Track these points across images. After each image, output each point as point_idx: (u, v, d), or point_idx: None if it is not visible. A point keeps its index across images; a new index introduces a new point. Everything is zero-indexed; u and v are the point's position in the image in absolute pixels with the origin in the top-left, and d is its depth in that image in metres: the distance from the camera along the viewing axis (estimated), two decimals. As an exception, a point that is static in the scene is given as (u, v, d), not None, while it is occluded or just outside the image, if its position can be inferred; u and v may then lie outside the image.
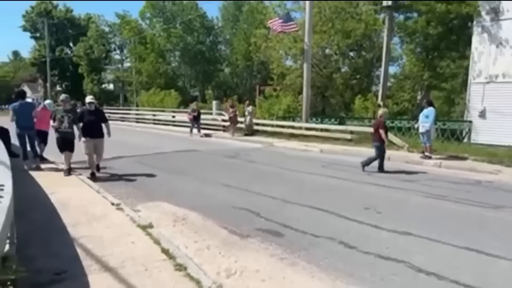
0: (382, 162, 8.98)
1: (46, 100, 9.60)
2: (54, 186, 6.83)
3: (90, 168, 8.08)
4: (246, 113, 17.36)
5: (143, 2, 42.49)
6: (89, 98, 8.28)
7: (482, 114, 14.04)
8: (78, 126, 7.97)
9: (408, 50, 26.02)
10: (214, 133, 18.33)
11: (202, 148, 13.36)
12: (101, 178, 7.96)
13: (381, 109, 10.03)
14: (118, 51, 48.03)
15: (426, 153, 10.52)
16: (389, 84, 24.37)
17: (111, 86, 50.98)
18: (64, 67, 50.17)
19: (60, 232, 4.55)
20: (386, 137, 8.90)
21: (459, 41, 20.61)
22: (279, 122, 17.67)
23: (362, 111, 18.49)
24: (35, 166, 8.75)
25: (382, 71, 20.17)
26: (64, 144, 8.01)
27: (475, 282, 3.48)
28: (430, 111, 10.49)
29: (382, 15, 22.15)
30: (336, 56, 25.58)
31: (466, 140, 14.15)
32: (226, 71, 43.61)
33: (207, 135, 17.68)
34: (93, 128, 7.87)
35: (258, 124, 17.74)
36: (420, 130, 10.69)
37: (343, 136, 14.25)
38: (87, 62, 45.12)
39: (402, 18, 23.20)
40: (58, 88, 50.41)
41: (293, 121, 18.10)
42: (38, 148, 9.41)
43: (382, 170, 8.91)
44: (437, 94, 24.15)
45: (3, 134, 7.52)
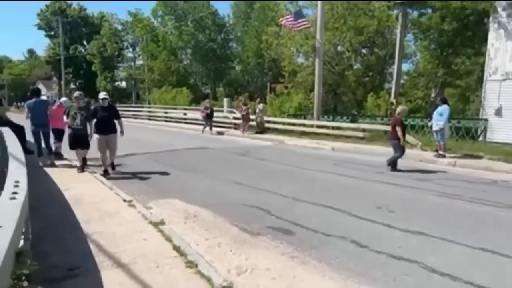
0: (396, 161, 8.86)
1: (62, 97, 9.72)
2: (68, 183, 6.94)
3: (103, 165, 8.18)
4: (257, 110, 17.34)
5: (155, 0, 42.83)
6: (102, 94, 8.25)
7: (498, 112, 13.74)
8: (91, 124, 8.04)
9: (422, 47, 25.63)
10: (227, 131, 18.36)
11: (213, 145, 13.40)
12: (113, 175, 8.05)
13: (400, 106, 9.83)
14: (130, 49, 48.62)
15: (440, 151, 10.35)
16: (402, 81, 24.04)
17: (124, 84, 51.58)
18: (78, 65, 50.96)
19: (73, 228, 4.62)
20: (402, 135, 8.71)
21: (475, 37, 20.21)
22: (290, 120, 17.60)
23: (375, 109, 18.28)
24: (50, 162, 8.89)
25: (395, 68, 19.91)
26: (75, 141, 8.09)
27: (491, 283, 3.41)
28: (444, 109, 10.31)
29: (395, 11, 21.82)
30: (348, 53, 25.36)
31: (481, 138, 13.87)
32: (237, 69, 43.68)
33: (220, 133, 17.72)
34: (106, 124, 7.91)
35: (269, 121, 17.70)
36: (434, 128, 10.52)
37: (355, 134, 14.12)
38: (100, 60, 45.73)
39: (415, 14, 22.84)
40: (72, 86, 51.20)
41: (304, 119, 18.01)
42: (54, 146, 9.56)
43: (395, 169, 8.79)
44: (451, 91, 23.73)
45: (19, 131, 7.63)
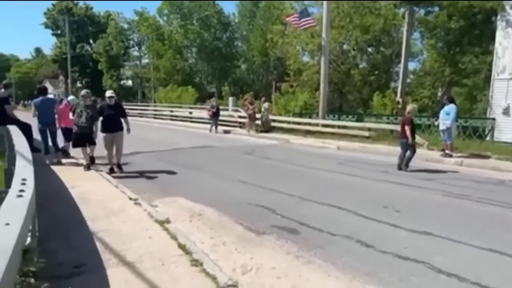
0: (403, 160, 8.80)
1: (69, 96, 9.75)
2: (75, 181, 6.98)
3: (109, 163, 8.21)
4: (263, 109, 17.33)
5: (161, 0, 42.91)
6: (109, 93, 8.26)
7: (506, 111, 13.61)
8: (96, 123, 8.05)
9: (428, 45, 25.46)
10: (232, 129, 18.36)
11: (218, 144, 13.41)
12: (119, 174, 8.09)
13: (409, 105, 9.74)
14: (136, 48, 48.84)
15: (446, 151, 10.27)
16: (408, 80, 23.90)
17: (130, 82, 51.85)
18: (84, 64, 51.27)
19: (80, 226, 4.64)
20: (411, 134, 8.61)
21: (482, 36, 20.01)
22: (296, 119, 17.57)
23: (381, 108, 18.19)
24: (56, 160, 8.95)
25: (401, 67, 19.80)
26: (79, 139, 8.15)
27: (499, 284, 3.37)
28: (451, 108, 10.22)
29: (401, 10, 21.68)
30: (354, 51, 25.22)
31: (488, 138, 13.75)
32: (243, 68, 43.67)
33: (226, 132, 17.73)
34: (112, 122, 7.91)
35: (274, 120, 17.68)
36: (440, 127, 10.43)
37: (361, 133, 14.05)
38: (107, 58, 45.97)
39: (422, 12, 22.66)
40: (79, 84, 51.57)
41: (309, 117, 17.96)
42: (64, 144, 9.61)
43: (400, 168, 8.74)
44: (458, 90, 23.53)
45: (26, 130, 7.68)
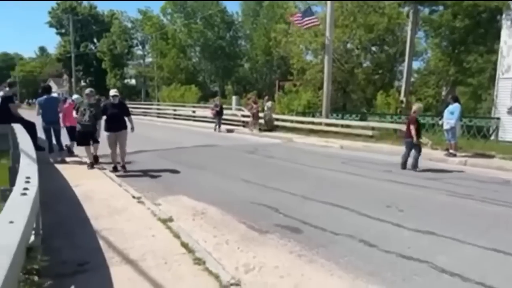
0: (407, 159, 8.77)
1: (74, 95, 9.76)
2: (78, 179, 7.01)
3: (112, 162, 8.24)
4: (266, 108, 17.34)
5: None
6: (113, 92, 8.25)
7: (511, 111, 13.51)
8: (99, 123, 8.05)
9: (433, 44, 25.32)
10: (235, 128, 18.37)
11: (221, 143, 13.42)
12: (123, 172, 8.11)
13: (415, 104, 9.69)
14: (140, 47, 48.94)
15: (450, 150, 10.22)
16: (412, 79, 23.80)
17: (133, 81, 51.95)
18: (88, 63, 51.40)
19: (83, 224, 4.66)
20: (416, 134, 8.54)
21: (487, 34, 19.88)
22: (299, 118, 17.54)
23: (384, 107, 18.11)
24: (60, 159, 8.99)
25: (405, 66, 19.73)
26: (83, 137, 8.19)
27: (503, 285, 3.35)
28: (455, 107, 10.16)
29: (406, 9, 21.60)
30: (357, 50, 25.16)
31: (493, 137, 13.66)
32: (246, 66, 43.64)
33: (229, 131, 17.75)
34: (116, 121, 7.91)
35: (277, 119, 17.67)
36: (444, 126, 10.37)
37: (365, 132, 14.01)
38: (110, 57, 46.09)
39: (427, 11, 22.54)
40: (83, 83, 51.72)
41: (313, 116, 17.93)
42: (69, 143, 9.65)
43: (404, 167, 8.71)
44: (463, 89, 23.41)
45: (30, 128, 7.72)
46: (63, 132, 9.47)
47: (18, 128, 6.65)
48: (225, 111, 19.02)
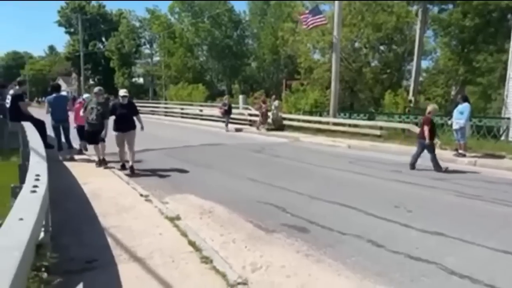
0: (416, 159, 8.69)
1: (84, 94, 9.82)
2: (87, 177, 7.07)
3: (120, 160, 8.28)
4: (273, 107, 17.33)
5: (173, -1, 43.05)
6: (122, 92, 8.23)
7: (521, 111, 13.32)
8: (106, 122, 8.04)
9: (442, 44, 25.09)
10: (243, 128, 18.35)
11: (228, 142, 13.44)
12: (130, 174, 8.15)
13: (430, 105, 9.58)
14: (148, 46, 49.21)
15: (460, 150, 10.11)
16: (421, 78, 23.60)
17: (141, 80, 52.26)
18: (96, 61, 51.82)
19: (91, 221, 4.70)
20: (429, 135, 8.41)
21: (497, 33, 19.63)
22: (306, 117, 17.48)
23: (392, 107, 17.95)
24: (69, 157, 9.07)
25: (414, 65, 19.57)
26: (90, 136, 8.25)
27: (513, 287, 3.31)
28: (465, 107, 10.05)
29: (415, 7, 21.41)
30: (365, 49, 25.01)
31: (503, 138, 13.46)
32: (253, 65, 43.59)
33: (238, 130, 17.75)
34: (124, 121, 7.87)
35: (284, 118, 17.63)
36: (454, 126, 10.27)
37: (372, 132, 13.92)
38: (118, 56, 46.38)
39: (436, 10, 22.34)
40: (91, 81, 52.13)
41: (320, 116, 17.85)
42: (79, 145, 9.71)
43: (413, 167, 8.63)
44: (472, 89, 23.16)
45: (39, 126, 7.80)
46: (74, 132, 9.53)
47: (28, 126, 6.74)
48: (233, 110, 19.01)
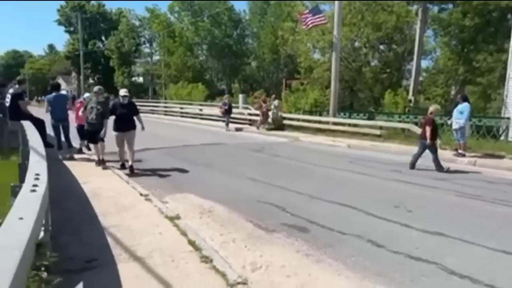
0: (417, 159, 8.67)
1: (86, 93, 9.77)
2: (86, 176, 7.07)
3: (120, 160, 8.27)
4: (272, 107, 17.32)
5: (173, -2, 43.03)
6: (123, 92, 8.17)
7: (521, 111, 13.32)
8: (106, 121, 7.98)
9: (442, 43, 25.09)
10: (243, 127, 18.33)
11: (228, 141, 13.43)
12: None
13: (432, 105, 9.57)
14: (147, 45, 49.19)
15: (459, 150, 10.11)
16: (421, 78, 23.60)
17: (141, 79, 52.24)
18: (96, 60, 51.77)
19: (91, 221, 4.70)
20: (430, 135, 8.38)
21: (497, 33, 19.63)
22: (306, 117, 17.48)
23: (392, 106, 17.96)
24: (69, 156, 9.06)
25: (414, 65, 19.56)
26: (89, 135, 8.24)
27: (513, 287, 3.31)
28: (464, 107, 10.05)
29: (415, 7, 21.40)
30: (365, 49, 25.02)
31: (503, 137, 13.47)
32: (253, 65, 43.60)
33: (238, 129, 17.73)
34: (124, 121, 7.82)
35: (284, 118, 17.63)
36: (453, 126, 10.27)
37: (372, 131, 13.91)
38: (118, 55, 46.34)
39: (436, 9, 22.34)
40: (91, 80, 52.07)
41: (320, 115, 17.85)
42: (79, 144, 9.69)
43: (413, 167, 8.63)
44: (472, 89, 23.14)
45: (39, 125, 7.79)
46: (74, 130, 9.51)
47: (28, 125, 6.73)
48: (232, 110, 18.99)
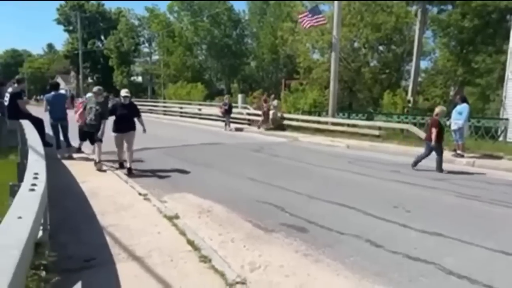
0: (420, 159, 8.68)
1: (88, 93, 9.71)
2: (85, 175, 7.06)
3: (119, 159, 8.26)
4: (271, 107, 17.33)
5: (172, -2, 42.99)
6: (124, 92, 8.05)
7: (519, 112, 13.35)
8: (104, 122, 7.87)
9: (441, 44, 25.13)
10: (245, 127, 18.32)
11: (227, 141, 13.43)
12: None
13: (438, 106, 9.58)
14: (146, 44, 49.18)
15: (458, 151, 10.13)
16: (420, 79, 23.62)
17: (140, 79, 52.13)
18: (95, 60, 51.71)
19: (90, 220, 4.69)
20: (436, 137, 8.35)
21: (496, 35, 19.68)
22: (305, 117, 17.49)
23: (391, 107, 17.99)
24: (68, 155, 9.04)
25: (413, 66, 19.59)
26: (87, 135, 8.22)
27: (511, 288, 3.32)
28: (463, 108, 10.07)
29: (414, 8, 21.44)
30: (364, 49, 25.04)
31: (501, 138, 13.50)
32: (252, 65, 43.59)
33: (238, 129, 17.71)
34: (124, 121, 7.74)
35: (283, 118, 17.64)
36: (452, 127, 10.28)
37: (371, 132, 13.93)
38: (117, 55, 46.30)
39: (435, 10, 22.37)
40: (90, 80, 52.03)
41: (319, 115, 17.86)
42: (78, 144, 9.67)
43: (415, 165, 8.66)
44: (471, 90, 23.14)
45: (38, 124, 7.77)
46: (73, 130, 9.47)
47: (27, 124, 6.70)
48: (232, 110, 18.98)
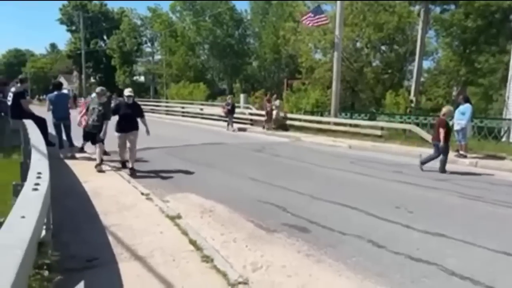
0: (428, 160, 8.63)
1: (93, 93, 9.68)
2: (88, 175, 7.07)
3: (121, 159, 8.27)
4: (274, 107, 17.32)
5: (174, -2, 43.02)
6: (127, 91, 7.95)
7: (523, 112, 13.31)
8: (107, 122, 7.86)
9: (444, 44, 25.06)
10: (248, 127, 18.31)
11: (228, 141, 13.44)
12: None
13: (445, 106, 9.58)
14: (149, 44, 49.20)
15: (461, 151, 10.10)
16: (422, 79, 23.56)
17: (142, 78, 52.25)
18: (98, 60, 51.85)
19: (92, 219, 4.70)
20: (444, 137, 8.32)
21: (499, 35, 19.63)
22: (307, 117, 17.47)
23: (393, 107, 17.96)
24: (70, 155, 9.06)
25: (415, 66, 19.51)
26: (89, 135, 8.23)
27: (514, 289, 3.31)
28: (466, 108, 10.04)
29: (416, 7, 21.39)
30: (367, 49, 25.01)
31: (504, 139, 13.45)
32: (254, 65, 43.60)
33: (241, 129, 17.69)
34: (128, 121, 7.72)
35: (287, 118, 17.64)
36: (455, 127, 10.24)
37: (373, 132, 13.91)
38: (120, 54, 46.39)
39: (438, 10, 22.30)
40: (92, 79, 52.16)
41: (321, 115, 17.84)
42: (81, 144, 9.69)
43: (423, 164, 8.61)
44: (474, 90, 23.10)
45: (41, 124, 7.80)
46: (74, 130, 9.50)
47: (29, 124, 6.73)
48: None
